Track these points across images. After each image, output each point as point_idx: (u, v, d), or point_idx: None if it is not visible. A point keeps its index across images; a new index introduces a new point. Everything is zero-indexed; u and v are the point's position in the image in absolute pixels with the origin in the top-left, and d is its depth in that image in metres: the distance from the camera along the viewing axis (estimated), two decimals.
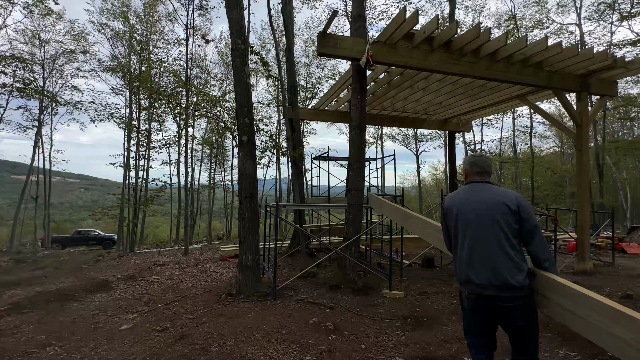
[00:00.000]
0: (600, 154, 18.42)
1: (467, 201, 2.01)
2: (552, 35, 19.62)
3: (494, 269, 1.81)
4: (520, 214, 1.87)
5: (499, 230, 1.85)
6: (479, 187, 2.04)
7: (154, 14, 18.44)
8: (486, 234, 1.87)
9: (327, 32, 5.22)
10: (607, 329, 1.53)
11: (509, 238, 1.84)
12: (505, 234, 1.84)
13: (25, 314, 4.57)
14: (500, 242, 1.84)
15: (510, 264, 1.81)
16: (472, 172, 2.12)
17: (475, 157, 2.16)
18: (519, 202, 1.89)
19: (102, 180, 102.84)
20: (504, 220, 1.85)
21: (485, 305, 1.86)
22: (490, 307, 1.84)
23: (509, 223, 1.85)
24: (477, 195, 1.99)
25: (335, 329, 3.71)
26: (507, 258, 1.82)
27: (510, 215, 1.86)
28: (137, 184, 17.62)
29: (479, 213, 1.92)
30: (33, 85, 18.69)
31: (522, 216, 1.86)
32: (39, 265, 9.46)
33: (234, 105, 6.12)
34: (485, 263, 1.85)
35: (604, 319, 1.56)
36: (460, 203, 2.03)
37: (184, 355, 3.12)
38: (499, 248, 1.84)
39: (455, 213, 2.03)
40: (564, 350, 3.23)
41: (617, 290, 5.28)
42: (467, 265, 1.91)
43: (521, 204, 1.89)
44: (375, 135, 26.55)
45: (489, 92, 7.94)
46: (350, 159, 5.76)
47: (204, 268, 7.49)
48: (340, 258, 5.72)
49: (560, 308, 1.78)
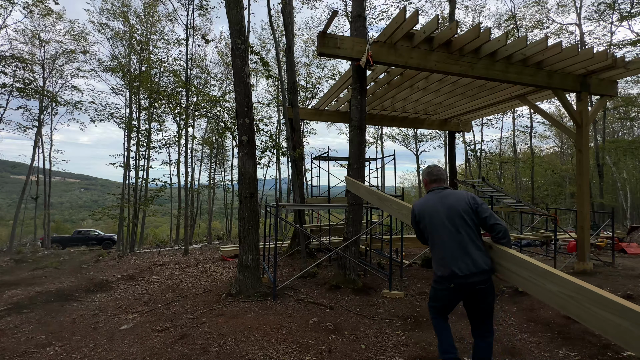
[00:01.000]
0: (600, 154, 18.41)
1: (435, 207, 2.40)
2: (552, 35, 19.63)
3: (473, 260, 2.21)
4: (477, 209, 2.31)
5: (467, 227, 2.27)
6: (442, 194, 2.46)
7: (154, 14, 18.44)
8: (459, 232, 2.27)
9: (327, 32, 5.22)
10: (542, 285, 1.95)
11: (474, 231, 2.28)
12: (472, 229, 2.28)
13: (25, 314, 4.58)
14: (470, 236, 2.26)
15: (481, 253, 2.25)
16: (430, 180, 2.59)
17: (430, 167, 2.66)
18: (473, 199, 2.35)
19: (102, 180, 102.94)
20: (468, 218, 2.29)
21: (465, 291, 2.25)
22: (470, 291, 2.24)
23: (472, 219, 2.30)
24: (443, 201, 2.40)
25: (335, 329, 3.71)
26: (478, 249, 2.25)
27: (471, 212, 2.30)
28: (137, 184, 17.62)
29: (448, 217, 2.32)
30: (33, 85, 18.72)
31: (479, 210, 2.31)
32: (39, 265, 9.46)
33: (234, 105, 6.12)
34: (465, 257, 2.22)
35: (540, 278, 1.97)
36: (431, 209, 2.42)
37: (184, 355, 3.12)
38: (471, 242, 2.25)
39: (427, 219, 2.42)
40: (564, 350, 3.23)
41: (617, 290, 5.27)
42: (451, 262, 2.25)
43: (475, 200, 2.35)
44: (375, 135, 26.56)
45: (488, 92, 7.94)
46: (350, 159, 5.75)
47: (204, 268, 7.49)
48: (340, 258, 5.72)
49: (510, 272, 2.19)
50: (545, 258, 8.34)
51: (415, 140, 28.12)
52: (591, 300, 1.65)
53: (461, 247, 2.24)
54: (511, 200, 7.39)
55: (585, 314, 1.69)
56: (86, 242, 19.30)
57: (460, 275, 2.20)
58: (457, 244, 2.25)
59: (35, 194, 20.38)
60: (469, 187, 8.66)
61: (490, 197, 6.88)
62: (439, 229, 2.33)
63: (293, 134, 8.70)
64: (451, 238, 2.28)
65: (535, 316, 4.13)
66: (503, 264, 2.23)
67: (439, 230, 2.34)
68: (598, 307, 1.60)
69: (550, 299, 1.89)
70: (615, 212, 12.61)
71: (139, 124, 17.28)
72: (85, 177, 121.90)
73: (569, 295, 1.79)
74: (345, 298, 4.96)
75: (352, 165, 5.68)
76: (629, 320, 1.44)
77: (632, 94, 19.65)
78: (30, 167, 20.39)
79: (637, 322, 1.41)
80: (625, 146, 19.11)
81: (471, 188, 8.34)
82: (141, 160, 17.84)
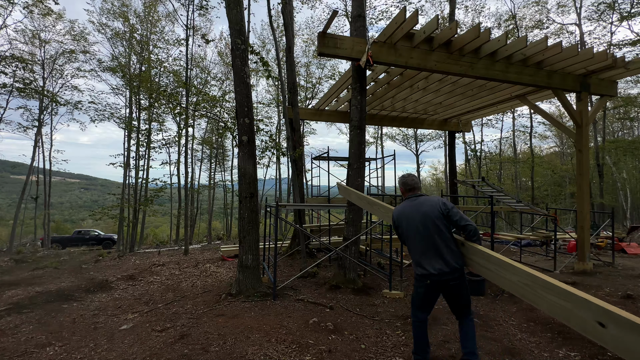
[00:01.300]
0: (600, 154, 18.41)
1: (411, 214, 2.69)
2: (552, 35, 19.63)
3: (444, 260, 2.51)
4: (448, 213, 2.58)
5: (440, 231, 2.55)
6: (417, 201, 2.74)
7: (154, 14, 18.44)
8: (432, 236, 2.55)
9: (327, 32, 5.22)
10: (505, 276, 2.14)
11: (447, 234, 2.55)
12: (444, 232, 2.55)
13: (25, 314, 4.58)
14: (443, 239, 2.53)
15: (452, 253, 2.53)
16: (406, 190, 2.87)
17: (405, 177, 2.91)
18: (444, 205, 2.62)
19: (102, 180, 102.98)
20: (441, 223, 2.56)
21: (440, 287, 2.57)
22: (445, 286, 2.55)
23: (444, 223, 2.57)
24: (418, 208, 2.68)
25: (335, 329, 3.71)
26: (450, 250, 2.53)
27: (442, 217, 2.58)
28: (137, 184, 17.62)
29: (423, 222, 2.60)
30: (33, 85, 18.71)
31: (450, 214, 2.58)
32: (39, 265, 9.46)
33: (234, 105, 6.12)
34: (438, 258, 2.52)
35: (503, 270, 2.15)
36: (407, 216, 2.71)
37: (184, 355, 3.12)
38: (443, 244, 2.53)
39: (405, 225, 2.71)
40: (564, 350, 3.23)
41: (617, 290, 5.27)
42: (425, 262, 2.56)
43: (446, 205, 2.62)
44: (375, 135, 26.55)
45: (488, 92, 7.94)
46: (350, 159, 5.75)
47: (204, 268, 7.49)
48: (340, 258, 5.72)
49: (480, 266, 2.40)
50: (545, 258, 8.34)
51: (415, 140, 28.12)
52: (542, 287, 1.85)
53: (434, 249, 2.53)
54: (511, 200, 7.39)
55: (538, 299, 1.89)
56: (86, 242, 19.29)
57: (434, 273, 2.51)
58: (431, 247, 2.54)
59: (35, 194, 20.38)
60: (469, 187, 8.66)
61: (490, 197, 6.87)
62: (415, 233, 2.63)
63: (293, 134, 8.70)
64: (425, 241, 2.57)
65: (535, 316, 4.13)
66: (474, 258, 2.46)
67: (414, 234, 2.63)
68: (547, 292, 1.82)
69: (512, 289, 2.09)
70: (615, 212, 12.61)
71: (139, 124, 17.28)
72: (85, 177, 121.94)
73: (525, 283, 1.99)
74: (345, 298, 4.96)
75: (352, 165, 5.68)
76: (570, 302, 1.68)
77: (632, 94, 19.65)
78: (30, 167, 20.39)
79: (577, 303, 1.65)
80: (625, 146, 19.11)
81: (471, 188, 8.34)
82: (141, 160, 17.87)
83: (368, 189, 9.80)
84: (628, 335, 1.34)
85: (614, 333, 1.40)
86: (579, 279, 6.08)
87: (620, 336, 1.36)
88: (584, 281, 5.91)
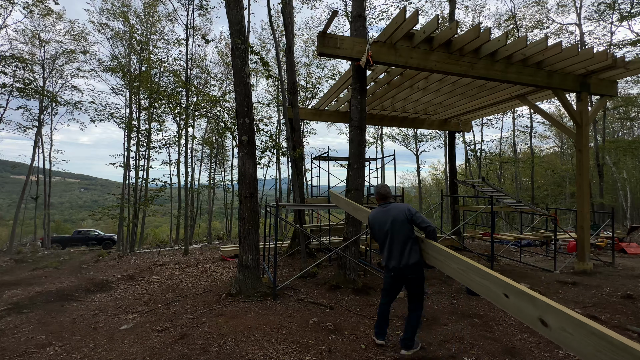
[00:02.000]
0: (600, 154, 18.40)
1: (383, 219, 3.25)
2: (552, 35, 19.62)
3: (406, 257, 3.05)
4: (412, 218, 3.11)
5: (405, 232, 3.08)
6: (387, 208, 3.29)
7: (154, 14, 18.44)
8: (399, 237, 3.10)
9: (327, 32, 5.22)
10: (450, 265, 2.56)
11: (410, 236, 3.08)
12: (409, 234, 3.08)
13: (25, 314, 4.58)
14: (407, 239, 3.07)
15: (413, 251, 3.04)
16: (380, 197, 3.42)
17: (379, 187, 3.45)
18: (409, 211, 3.15)
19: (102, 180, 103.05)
20: (406, 227, 3.10)
21: (402, 278, 3.11)
22: (405, 278, 3.10)
23: (408, 226, 3.10)
24: (387, 214, 3.23)
25: (335, 329, 3.71)
26: (412, 249, 3.05)
27: (406, 221, 3.11)
28: (137, 184, 17.61)
29: (392, 225, 3.15)
30: (33, 85, 18.70)
31: (413, 218, 3.11)
32: (39, 265, 9.46)
33: (234, 105, 6.11)
34: (401, 254, 3.07)
35: (447, 260, 2.59)
36: (379, 220, 3.27)
37: (184, 355, 3.12)
38: (407, 243, 3.07)
39: (377, 227, 3.29)
40: (564, 350, 3.23)
41: (617, 290, 5.28)
42: (392, 257, 3.14)
43: (410, 211, 3.15)
44: (375, 135, 26.54)
45: (488, 92, 7.94)
46: (350, 159, 5.75)
47: (204, 268, 7.48)
48: (340, 258, 5.72)
49: (434, 259, 2.85)
50: (545, 258, 8.34)
51: (415, 140, 28.12)
52: (472, 271, 2.28)
53: (398, 247, 3.09)
54: (511, 200, 7.39)
55: (470, 281, 2.29)
56: (86, 242, 19.29)
57: (397, 267, 3.09)
58: (396, 245, 3.11)
59: (35, 194, 20.38)
60: (469, 187, 8.66)
61: (490, 197, 6.87)
62: (384, 235, 3.21)
63: (293, 134, 8.70)
64: (391, 241, 3.14)
65: None
66: (430, 252, 2.93)
67: (384, 235, 3.21)
68: (475, 275, 2.25)
69: (454, 275, 2.48)
70: (615, 212, 12.61)
71: (139, 124, 17.28)
72: (85, 177, 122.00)
73: (462, 269, 2.38)
74: (345, 298, 4.96)
75: (352, 165, 5.68)
76: (489, 280, 2.14)
77: (632, 94, 19.66)
78: (30, 167, 20.38)
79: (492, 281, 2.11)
80: (625, 146, 19.09)
81: (471, 188, 8.33)
82: (141, 160, 17.86)
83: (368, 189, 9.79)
84: (520, 301, 1.91)
85: (513, 301, 1.95)
86: (579, 278, 6.08)
87: (516, 302, 1.93)
88: (583, 281, 5.91)
